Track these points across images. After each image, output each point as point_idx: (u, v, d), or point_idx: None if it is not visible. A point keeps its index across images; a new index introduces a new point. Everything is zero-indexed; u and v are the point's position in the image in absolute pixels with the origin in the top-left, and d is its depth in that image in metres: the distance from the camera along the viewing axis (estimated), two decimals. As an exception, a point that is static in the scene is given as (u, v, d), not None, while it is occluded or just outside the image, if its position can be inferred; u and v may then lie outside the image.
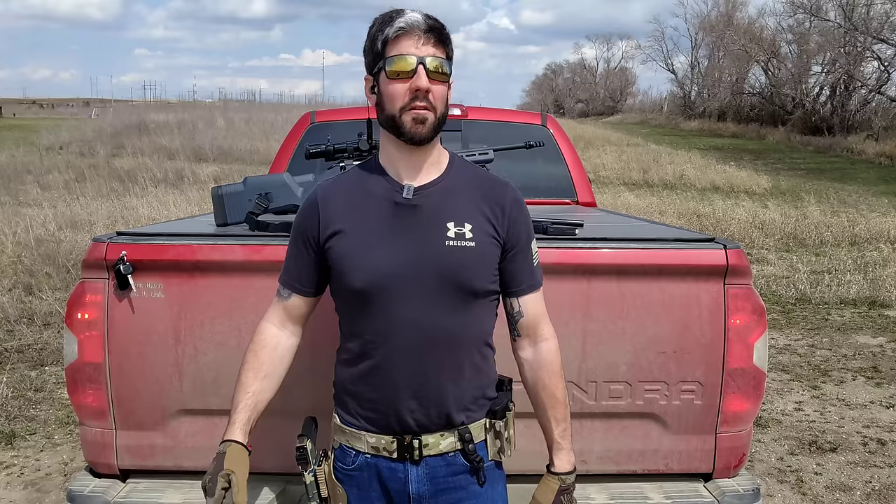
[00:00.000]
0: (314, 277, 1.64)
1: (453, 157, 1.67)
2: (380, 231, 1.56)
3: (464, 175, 1.64)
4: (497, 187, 1.64)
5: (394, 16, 1.52)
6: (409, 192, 1.57)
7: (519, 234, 1.63)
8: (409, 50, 1.49)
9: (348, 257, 1.56)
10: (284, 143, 3.94)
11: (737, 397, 2.14)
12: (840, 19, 31.89)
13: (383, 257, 1.54)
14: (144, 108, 36.30)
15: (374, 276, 1.54)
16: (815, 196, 13.72)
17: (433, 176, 1.61)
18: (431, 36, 1.51)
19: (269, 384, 1.64)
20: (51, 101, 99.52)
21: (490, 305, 1.64)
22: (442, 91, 1.53)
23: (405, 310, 1.54)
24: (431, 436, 1.59)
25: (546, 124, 3.99)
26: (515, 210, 1.63)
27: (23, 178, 14.60)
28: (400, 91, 1.51)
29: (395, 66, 1.50)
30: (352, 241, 1.57)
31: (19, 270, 7.28)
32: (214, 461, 1.51)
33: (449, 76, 1.55)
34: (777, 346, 5.88)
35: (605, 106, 73.99)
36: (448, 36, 1.55)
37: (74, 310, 2.07)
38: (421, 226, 1.56)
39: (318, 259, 1.62)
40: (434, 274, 1.54)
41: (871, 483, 3.69)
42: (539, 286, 1.68)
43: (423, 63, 1.49)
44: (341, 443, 1.65)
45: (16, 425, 4.17)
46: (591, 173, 14.97)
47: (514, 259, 1.63)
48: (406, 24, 1.50)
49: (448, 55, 1.55)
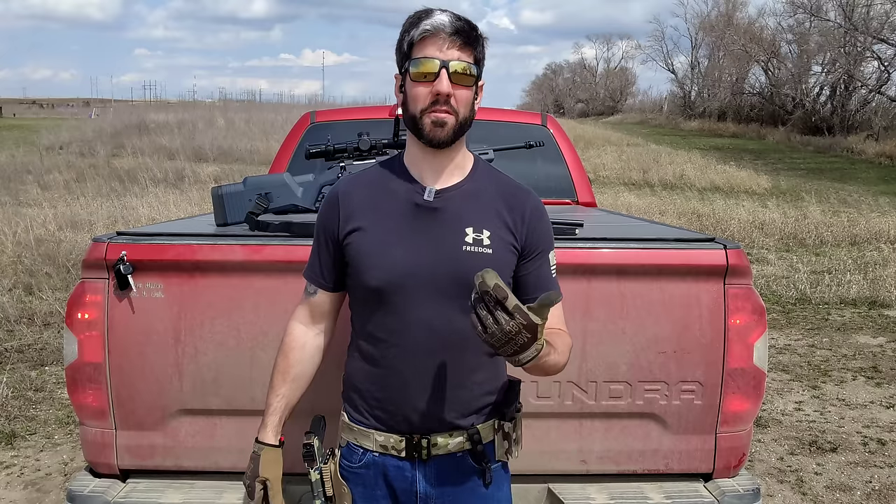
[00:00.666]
0: (335, 273, 1.65)
1: (478, 162, 1.66)
2: (399, 231, 1.57)
3: (486, 180, 1.64)
4: (519, 194, 1.64)
5: (422, 16, 1.51)
6: (430, 195, 1.57)
7: (536, 243, 1.62)
8: (434, 53, 1.49)
9: (365, 255, 1.57)
10: (284, 143, 3.93)
11: (737, 397, 2.14)
12: (840, 19, 31.90)
13: (400, 257, 1.55)
14: (144, 108, 36.29)
15: (390, 275, 1.54)
16: (815, 196, 13.73)
17: (456, 179, 1.61)
18: (458, 39, 1.50)
19: (297, 385, 1.69)
20: (51, 101, 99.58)
21: None
22: (465, 95, 1.52)
23: (419, 311, 1.54)
24: (440, 436, 1.59)
25: (546, 124, 3.99)
26: (535, 218, 1.62)
27: (23, 178, 14.59)
28: (422, 93, 1.51)
29: (418, 68, 1.50)
30: (370, 239, 1.57)
31: (19, 270, 7.28)
32: (251, 462, 1.64)
33: (476, 79, 1.54)
34: (777, 346, 5.88)
35: (605, 106, 73.97)
36: (477, 38, 1.54)
37: (74, 310, 2.07)
38: (440, 229, 1.57)
39: (338, 254, 1.63)
40: (449, 277, 1.54)
41: (871, 483, 3.69)
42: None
43: (445, 67, 1.49)
44: (349, 441, 1.66)
45: (16, 425, 4.18)
46: (591, 173, 14.97)
47: (529, 267, 1.62)
48: (432, 27, 1.49)
49: (477, 58, 1.54)
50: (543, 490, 2.15)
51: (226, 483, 2.13)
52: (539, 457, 2.13)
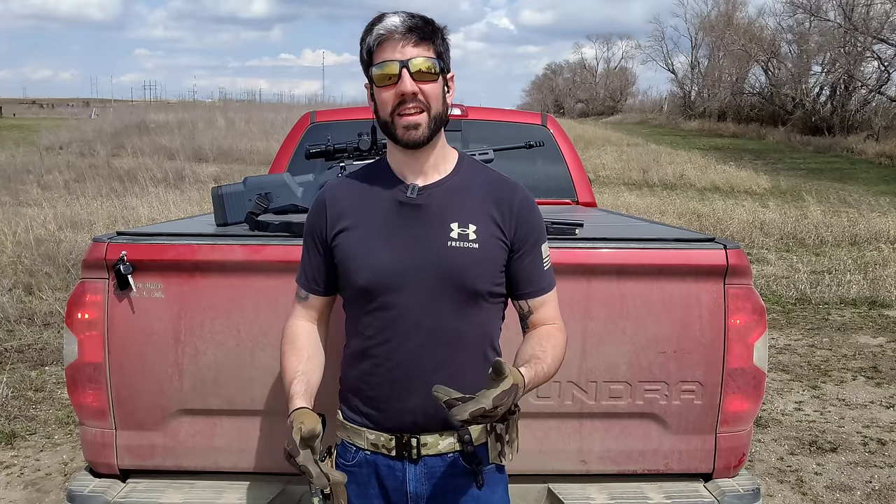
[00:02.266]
0: (326, 276, 1.65)
1: (462, 157, 1.66)
2: (383, 230, 1.57)
3: (472, 175, 1.64)
4: (506, 188, 1.63)
5: (375, 22, 1.52)
6: (413, 192, 1.58)
7: (526, 236, 1.61)
8: (391, 55, 1.49)
9: (352, 256, 1.58)
10: (284, 143, 3.94)
11: (737, 397, 2.14)
12: (840, 19, 31.89)
13: (385, 256, 1.55)
14: (144, 108, 36.29)
15: (376, 274, 1.55)
16: (815, 196, 13.72)
17: (439, 175, 1.61)
18: (412, 36, 1.50)
19: (314, 365, 1.62)
20: (51, 101, 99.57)
21: (495, 308, 1.64)
22: (433, 89, 1.52)
23: (406, 309, 1.54)
24: (430, 436, 1.58)
25: (546, 124, 3.99)
26: (524, 211, 1.62)
27: (23, 178, 14.59)
28: (388, 97, 1.51)
29: (379, 73, 1.51)
30: (356, 239, 1.58)
31: (19, 270, 7.28)
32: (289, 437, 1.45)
33: (439, 73, 1.53)
34: (777, 346, 5.88)
35: (605, 106, 73.96)
36: (433, 31, 1.53)
37: (74, 310, 2.07)
38: (424, 225, 1.57)
39: (328, 257, 1.63)
40: (435, 274, 1.54)
41: (871, 483, 3.69)
42: (549, 289, 1.66)
43: (406, 66, 1.49)
44: (343, 439, 1.66)
45: (16, 425, 4.17)
46: (591, 173, 14.95)
47: (521, 261, 1.61)
48: (385, 30, 1.50)
49: (438, 51, 1.53)
50: (543, 490, 2.15)
51: (226, 483, 2.14)
52: (539, 457, 2.13)
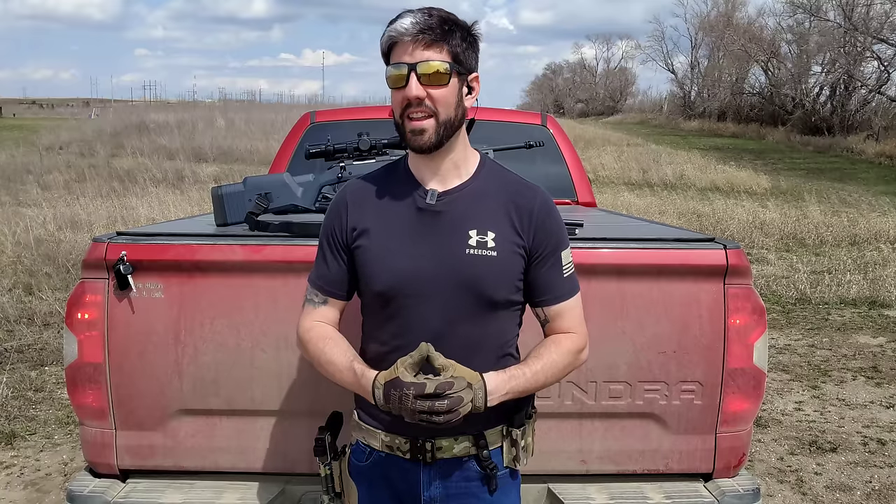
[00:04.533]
0: (343, 279, 1.62)
1: (483, 160, 1.63)
2: (402, 236, 1.55)
3: (492, 179, 1.61)
4: (526, 193, 1.60)
5: (391, 22, 1.49)
6: (432, 198, 1.55)
7: (545, 241, 1.58)
8: (401, 58, 1.47)
9: (370, 261, 1.56)
10: (284, 143, 3.94)
11: (737, 397, 2.14)
12: (840, 19, 31.87)
13: (403, 262, 1.54)
14: (144, 108, 36.29)
15: (394, 280, 1.54)
16: (815, 196, 13.72)
17: (459, 180, 1.58)
18: (425, 37, 1.46)
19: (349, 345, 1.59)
20: (51, 101, 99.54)
21: (512, 315, 1.62)
22: (443, 94, 1.48)
23: (423, 315, 1.53)
24: (445, 439, 1.57)
25: (546, 124, 3.99)
26: (543, 215, 1.58)
27: (23, 178, 14.58)
28: (397, 100, 1.50)
29: (390, 75, 1.50)
30: (375, 244, 1.56)
31: (19, 270, 7.28)
32: (374, 389, 1.46)
33: (455, 75, 1.49)
34: (777, 346, 5.88)
35: (605, 106, 73.94)
36: (449, 31, 1.48)
37: (74, 310, 2.07)
38: (443, 232, 1.55)
39: (348, 259, 1.60)
40: (453, 282, 1.52)
41: (871, 483, 3.69)
42: (567, 297, 1.62)
43: (413, 70, 1.46)
44: (358, 439, 1.66)
45: (16, 425, 4.17)
46: (591, 173, 14.98)
47: (539, 268, 1.58)
48: (396, 32, 1.48)
49: (454, 52, 1.48)
50: (543, 490, 2.15)
51: (226, 483, 2.14)
52: (539, 457, 2.12)
